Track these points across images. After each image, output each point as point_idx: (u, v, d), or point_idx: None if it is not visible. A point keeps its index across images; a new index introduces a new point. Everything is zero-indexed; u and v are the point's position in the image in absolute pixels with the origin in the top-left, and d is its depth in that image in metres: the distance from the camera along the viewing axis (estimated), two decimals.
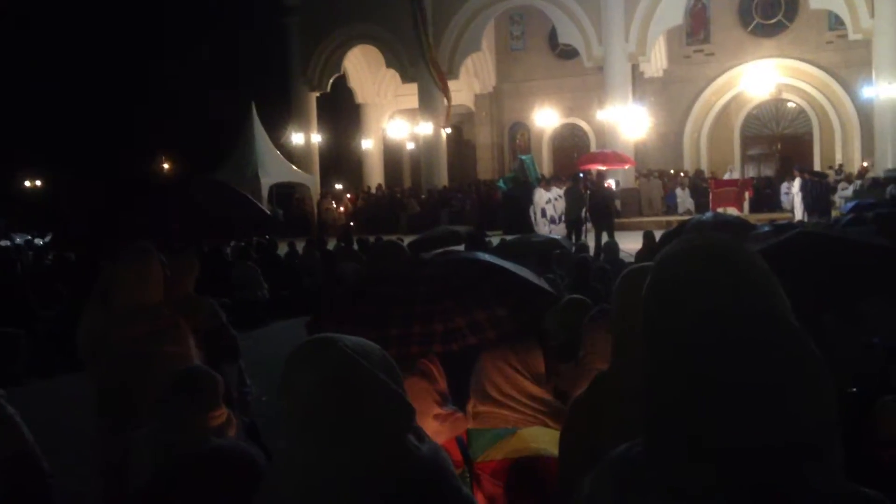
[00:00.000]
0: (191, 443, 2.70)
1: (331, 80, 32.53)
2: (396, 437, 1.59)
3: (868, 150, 26.64)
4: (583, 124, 33.40)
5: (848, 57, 28.09)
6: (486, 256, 4.05)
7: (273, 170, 27.56)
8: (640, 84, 28.99)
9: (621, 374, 2.08)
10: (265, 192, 26.21)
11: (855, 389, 3.88)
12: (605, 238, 16.53)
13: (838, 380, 3.77)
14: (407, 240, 11.39)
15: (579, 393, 2.37)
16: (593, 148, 31.17)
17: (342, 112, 36.45)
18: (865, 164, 25.84)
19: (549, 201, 20.45)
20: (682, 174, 28.59)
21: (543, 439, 3.18)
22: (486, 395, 3.50)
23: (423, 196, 29.32)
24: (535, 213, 20.20)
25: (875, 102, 24.70)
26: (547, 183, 21.33)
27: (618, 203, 21.80)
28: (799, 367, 1.27)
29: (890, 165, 23.00)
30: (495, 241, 11.01)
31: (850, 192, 20.90)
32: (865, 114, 26.70)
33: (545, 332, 4.12)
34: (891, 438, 3.40)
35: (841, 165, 27.28)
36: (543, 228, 19.87)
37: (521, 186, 20.60)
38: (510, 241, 10.47)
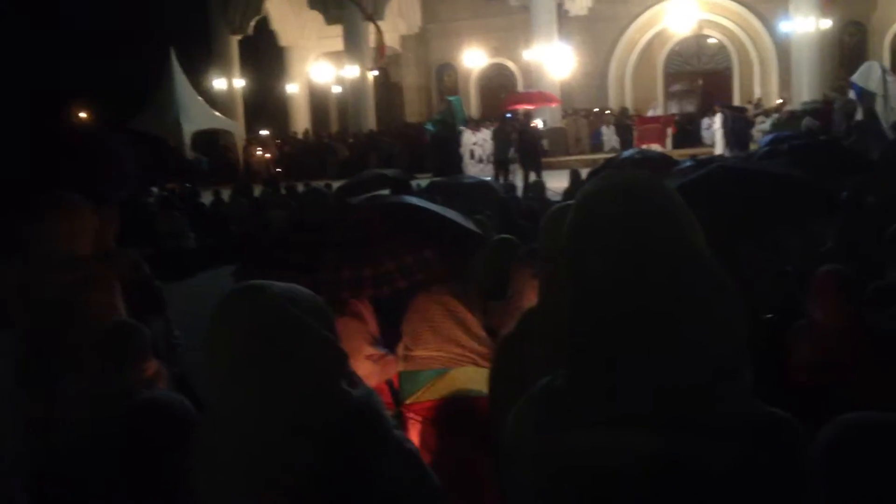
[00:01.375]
0: (120, 395, 2.68)
1: (252, 23, 31.68)
2: (329, 383, 1.59)
3: (785, 84, 27.19)
4: (510, 64, 33.30)
5: None
6: (414, 199, 4.05)
7: (195, 116, 26.85)
8: (565, 23, 28.93)
9: (547, 312, 2.13)
10: (187, 140, 25.58)
11: (770, 316, 4.03)
12: (532, 177, 16.63)
13: (754, 307, 3.90)
14: (336, 185, 11.30)
15: (507, 331, 2.42)
16: (520, 88, 31.14)
17: (265, 56, 35.62)
18: (783, 98, 26.38)
19: (477, 143, 20.45)
20: (607, 112, 28.81)
21: (474, 379, 3.23)
22: (418, 336, 3.54)
23: (350, 141, 29.00)
24: (463, 155, 20.19)
25: (792, 37, 25.15)
26: (475, 124, 21.28)
27: (545, 142, 21.90)
28: (712, 298, 1.32)
29: (806, 99, 23.53)
30: (424, 183, 10.97)
31: (767, 125, 21.30)
32: (783, 48, 27.18)
33: (475, 272, 4.17)
34: (803, 362, 3.54)
35: (759, 100, 27.78)
36: (472, 169, 19.89)
37: (450, 128, 20.50)
38: (438, 182, 10.45)
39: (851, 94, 17.49)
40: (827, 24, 25.08)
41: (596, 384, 1.31)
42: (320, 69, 34.64)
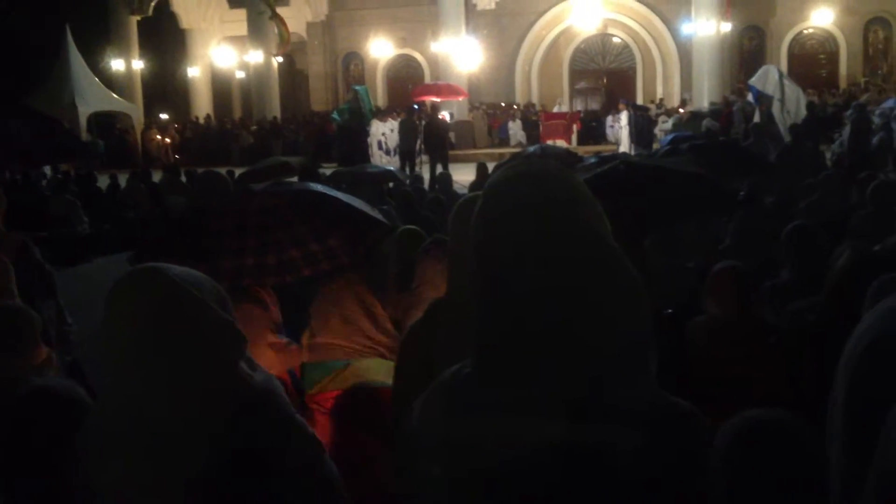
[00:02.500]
0: (9, 382, 2.54)
1: (152, 3, 30.77)
2: (228, 366, 1.57)
3: (687, 85, 27.96)
4: (417, 56, 33.25)
5: None
6: (319, 187, 3.98)
7: (91, 98, 25.93)
8: (473, 16, 29.08)
9: (455, 302, 2.11)
10: (83, 122, 24.70)
11: (670, 311, 4.12)
12: (439, 169, 16.66)
13: (656, 302, 3.95)
14: (238, 172, 11.06)
15: (414, 321, 2.39)
16: (427, 80, 31.14)
17: (166, 38, 34.64)
18: (684, 98, 27.14)
19: (384, 133, 20.37)
20: (514, 107, 29.10)
21: (379, 370, 3.19)
22: (323, 326, 3.48)
23: (254, 128, 28.50)
24: (370, 145, 20.08)
25: (694, 39, 25.87)
26: (382, 115, 21.19)
27: (452, 135, 21.98)
28: (618, 286, 1.32)
29: (707, 100, 24.27)
30: (330, 173, 10.86)
31: (669, 125, 21.90)
32: (685, 50, 27.93)
33: (381, 262, 4.12)
34: (702, 356, 3.63)
35: (662, 100, 28.54)
36: (379, 160, 19.80)
37: (356, 118, 20.36)
38: (343, 171, 10.37)
39: (750, 97, 18.09)
40: (727, 27, 25.90)
41: (502, 371, 1.31)
42: (223, 53, 33.89)
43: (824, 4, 29.14)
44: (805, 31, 30.21)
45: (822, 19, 29.47)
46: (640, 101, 28.70)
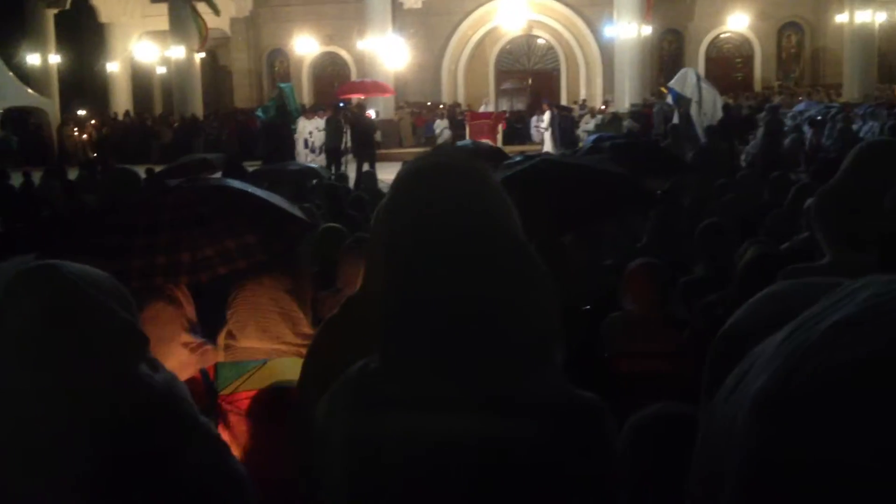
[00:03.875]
0: None
1: None
2: (126, 367, 1.53)
3: (609, 86, 28.40)
4: (343, 53, 33.04)
5: None
6: (236, 183, 3.92)
7: (4, 92, 25.12)
8: (399, 14, 29.01)
9: (369, 298, 2.09)
10: None
11: (588, 307, 4.17)
12: (366, 168, 16.60)
13: (575, 298, 3.99)
14: (158, 169, 10.82)
15: (328, 317, 2.37)
16: (354, 78, 30.98)
17: (84, 32, 33.71)
18: (607, 100, 27.57)
19: (310, 131, 20.16)
20: (440, 106, 29.15)
21: (295, 370, 3.12)
22: (242, 327, 3.41)
23: (175, 124, 27.92)
24: (296, 143, 19.88)
25: (616, 41, 26.29)
26: (308, 112, 20.97)
27: (378, 134, 21.91)
28: (524, 280, 1.33)
29: (628, 101, 24.69)
30: (252, 170, 10.70)
31: (592, 125, 22.21)
32: (607, 52, 28.35)
33: (302, 260, 4.07)
34: (616, 351, 3.69)
35: (585, 101, 28.92)
36: (304, 158, 19.60)
37: (281, 115, 20.13)
38: (265, 169, 10.23)
39: (669, 99, 18.47)
40: (648, 31, 26.37)
41: (408, 366, 1.31)
42: (144, 48, 33.11)
43: (740, 10, 29.97)
44: (722, 36, 31.04)
45: (737, 24, 30.31)
46: (564, 101, 29.06)
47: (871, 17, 23.66)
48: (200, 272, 3.45)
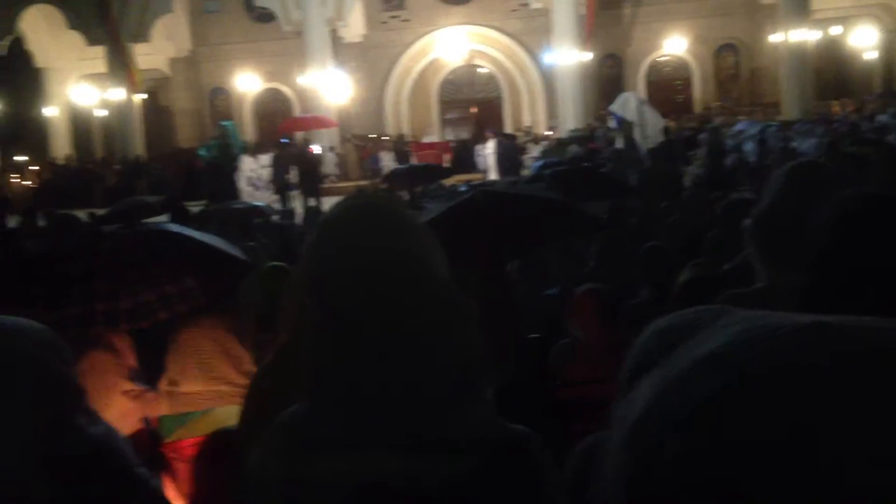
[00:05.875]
0: None
1: (4, 43, 29.44)
2: (60, 420, 1.49)
3: (552, 112, 28.75)
4: (285, 89, 32.99)
5: (531, 25, 30.00)
6: (173, 226, 3.88)
7: None
8: (340, 49, 29.09)
9: (300, 339, 2.06)
10: None
11: (536, 336, 4.18)
12: (311, 203, 16.55)
13: (523, 327, 4.00)
14: (100, 213, 10.66)
15: (264, 362, 2.33)
16: (297, 113, 30.95)
17: (20, 77, 33.18)
18: (551, 126, 27.88)
19: (254, 169, 20.05)
20: (385, 138, 29.20)
21: (238, 416, 3.09)
22: (184, 372, 3.36)
23: (117, 167, 27.54)
24: (240, 181, 19.76)
25: (556, 68, 26.65)
26: (252, 150, 20.86)
27: (324, 168, 21.88)
28: (447, 316, 1.34)
29: (572, 126, 24.99)
30: (198, 210, 10.60)
31: (537, 152, 22.42)
32: (549, 79, 28.72)
33: (245, 302, 4.02)
34: (566, 378, 3.68)
35: (529, 127, 29.22)
36: (249, 196, 19.47)
37: (224, 154, 20.02)
38: (210, 209, 10.13)
39: (612, 123, 18.74)
40: (587, 56, 26.78)
41: (336, 408, 1.32)
42: (82, 92, 32.69)
43: (677, 33, 30.64)
44: (660, 59, 31.66)
45: (675, 47, 30.97)
46: (508, 129, 29.31)
47: (806, 36, 24.28)
48: (140, 318, 3.41)
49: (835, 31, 29.73)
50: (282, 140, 21.56)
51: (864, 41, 30.03)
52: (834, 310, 1.45)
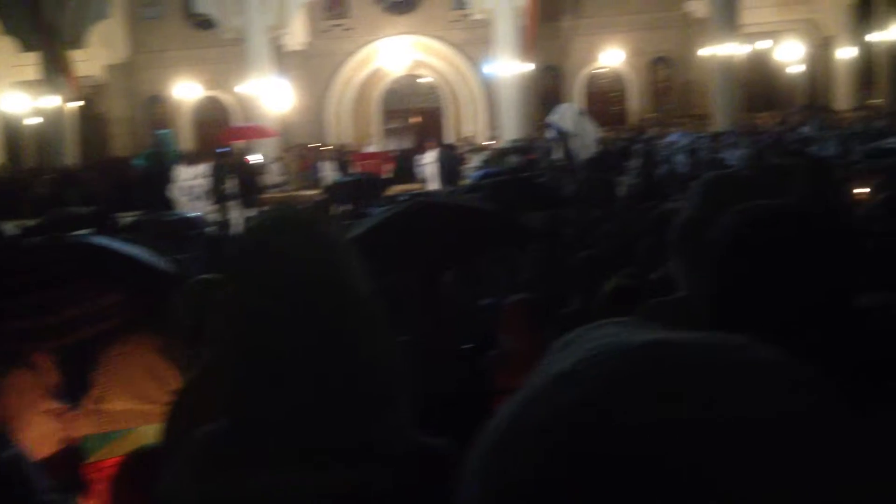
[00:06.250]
0: None
1: None
2: None
3: (494, 122, 28.93)
4: (225, 97, 32.64)
5: (472, 35, 30.16)
6: (99, 239, 3.80)
7: None
8: (281, 57, 28.89)
9: (221, 355, 2.05)
10: None
11: (470, 346, 4.19)
12: (251, 213, 16.38)
13: (456, 337, 3.99)
14: (30, 225, 10.39)
15: (186, 380, 2.31)
16: (237, 122, 30.63)
17: None
18: (491, 136, 28.05)
19: (191, 178, 19.76)
20: (327, 147, 29.04)
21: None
22: (108, 390, 3.29)
23: (49, 176, 26.90)
24: (176, 191, 19.46)
25: (497, 79, 26.84)
26: (189, 159, 20.57)
27: (263, 177, 21.69)
28: (364, 330, 1.34)
29: (512, 137, 25.17)
30: (131, 221, 10.40)
31: (477, 162, 22.51)
32: (490, 89, 28.91)
33: (174, 316, 3.95)
34: (498, 388, 3.70)
35: (470, 137, 29.35)
36: (189, 206, 19.20)
37: (160, 163, 19.72)
38: (143, 220, 9.97)
39: (550, 134, 18.92)
40: (528, 67, 27.01)
41: (253, 425, 1.31)
42: (13, 99, 31.87)
43: (613, 46, 31.14)
44: (597, 71, 32.14)
45: (611, 60, 31.48)
46: (449, 139, 29.41)
47: (735, 50, 24.88)
48: (65, 335, 3.32)
49: (762, 45, 30.53)
50: (220, 149, 21.29)
51: (790, 55, 30.89)
52: (733, 317, 1.49)
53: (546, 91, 30.99)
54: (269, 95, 26.49)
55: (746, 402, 0.52)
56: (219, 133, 27.52)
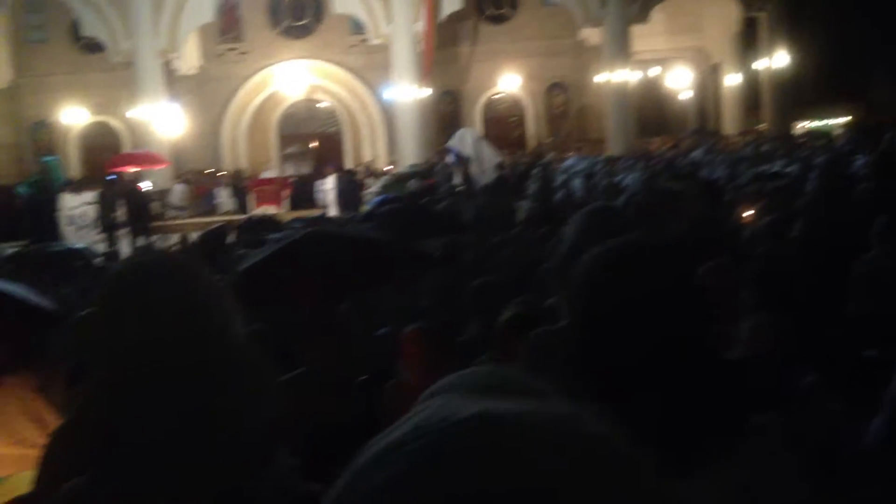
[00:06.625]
0: None
1: None
2: None
3: (393, 148, 28.98)
4: (115, 122, 31.71)
5: (370, 60, 30.21)
6: None
7: None
8: (173, 81, 28.30)
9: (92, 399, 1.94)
10: None
11: (365, 377, 4.12)
12: (141, 242, 15.93)
13: (352, 368, 3.90)
14: None
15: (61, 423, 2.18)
16: (127, 148, 29.79)
17: None
18: (391, 161, 28.08)
19: (78, 206, 19.11)
20: (222, 173, 28.53)
21: None
22: None
23: None
24: (62, 221, 18.79)
25: (396, 104, 26.94)
26: (76, 187, 19.90)
27: (155, 205, 21.15)
28: (239, 381, 1.28)
29: (411, 162, 25.26)
30: (11, 253, 9.95)
31: (376, 187, 22.49)
32: (389, 114, 28.98)
33: (56, 355, 3.76)
34: (395, 419, 3.64)
35: (369, 162, 29.32)
36: (74, 236, 18.54)
37: (45, 191, 19.00)
38: (25, 251, 9.55)
39: (450, 159, 19.06)
40: (426, 92, 27.20)
41: (121, 478, 1.23)
42: None
43: (510, 71, 31.67)
44: (496, 96, 32.62)
45: (509, 85, 32.01)
46: (349, 164, 29.31)
47: (627, 76, 25.66)
48: None
49: (653, 71, 31.71)
50: (108, 177, 20.65)
51: (680, 82, 32.18)
52: (591, 353, 1.48)
53: (445, 116, 31.26)
54: (161, 120, 25.90)
55: (562, 476, 0.54)
56: (108, 159, 26.73)
